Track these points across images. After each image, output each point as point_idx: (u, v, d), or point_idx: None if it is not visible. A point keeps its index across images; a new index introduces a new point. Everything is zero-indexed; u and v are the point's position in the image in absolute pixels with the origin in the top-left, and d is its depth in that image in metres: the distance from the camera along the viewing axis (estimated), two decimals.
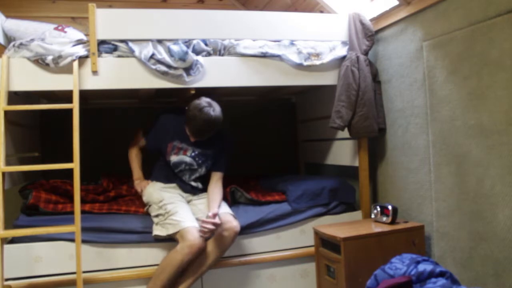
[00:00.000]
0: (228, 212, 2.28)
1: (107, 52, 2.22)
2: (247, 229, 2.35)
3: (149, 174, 2.52)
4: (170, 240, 2.18)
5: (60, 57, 2.11)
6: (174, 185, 2.43)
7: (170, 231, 2.14)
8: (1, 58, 2.10)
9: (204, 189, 2.45)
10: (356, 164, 2.67)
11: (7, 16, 2.33)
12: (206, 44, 2.36)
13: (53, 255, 2.12)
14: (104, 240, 2.18)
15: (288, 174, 3.28)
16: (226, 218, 2.21)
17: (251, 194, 2.57)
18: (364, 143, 2.63)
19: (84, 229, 2.08)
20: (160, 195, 2.32)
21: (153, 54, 2.21)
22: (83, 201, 2.27)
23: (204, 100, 2.23)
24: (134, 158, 2.53)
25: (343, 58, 2.53)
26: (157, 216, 2.25)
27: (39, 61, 2.12)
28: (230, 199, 2.53)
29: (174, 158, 2.37)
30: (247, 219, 2.36)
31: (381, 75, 2.65)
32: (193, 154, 2.37)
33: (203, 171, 2.42)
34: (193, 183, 2.44)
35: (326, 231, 2.22)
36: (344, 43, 2.58)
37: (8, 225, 2.06)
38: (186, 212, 2.24)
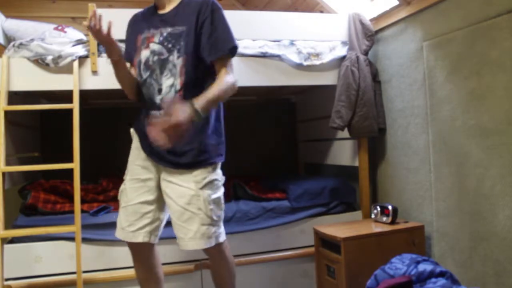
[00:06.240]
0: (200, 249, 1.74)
1: None
2: (247, 216, 2.38)
3: None
4: (168, 239, 2.06)
5: (60, 57, 2.11)
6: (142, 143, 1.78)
7: None
8: (1, 58, 2.10)
9: (188, 164, 1.70)
10: (356, 164, 2.67)
11: (7, 16, 2.32)
12: None
13: (53, 255, 2.12)
14: (104, 237, 2.17)
15: (288, 174, 3.28)
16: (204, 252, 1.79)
17: (252, 192, 2.58)
18: (364, 143, 2.63)
19: (83, 227, 2.08)
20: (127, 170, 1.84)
21: None
22: (82, 200, 2.27)
23: None
24: None
25: (343, 58, 2.53)
26: None
27: (39, 61, 2.12)
28: (231, 193, 2.55)
29: (143, 54, 1.74)
30: (247, 210, 2.39)
31: (381, 75, 2.65)
32: (161, 38, 1.71)
33: (176, 60, 1.67)
34: (166, 91, 1.68)
35: (326, 231, 2.22)
36: (344, 43, 2.58)
37: (8, 225, 2.06)
38: (123, 214, 1.78)
